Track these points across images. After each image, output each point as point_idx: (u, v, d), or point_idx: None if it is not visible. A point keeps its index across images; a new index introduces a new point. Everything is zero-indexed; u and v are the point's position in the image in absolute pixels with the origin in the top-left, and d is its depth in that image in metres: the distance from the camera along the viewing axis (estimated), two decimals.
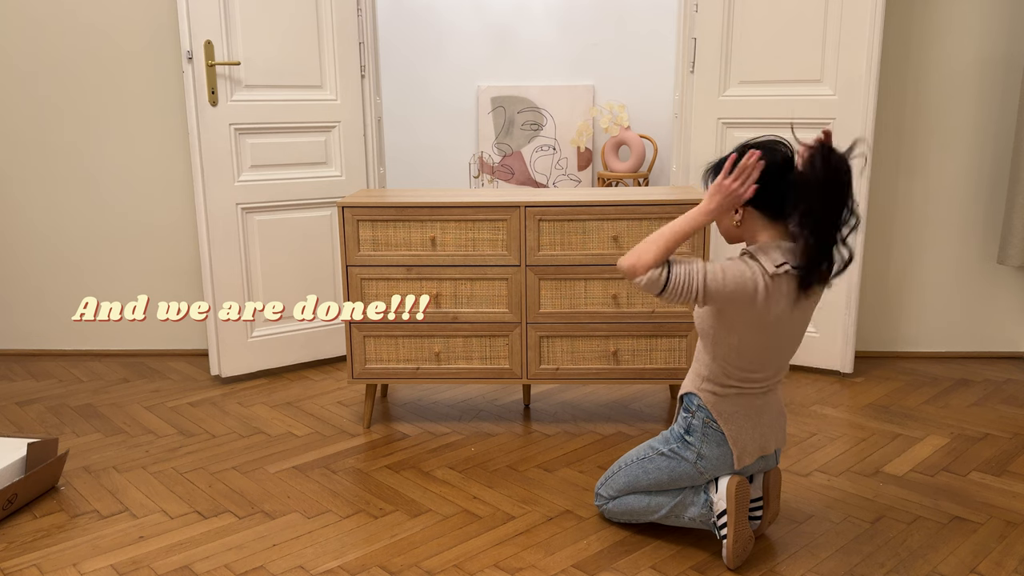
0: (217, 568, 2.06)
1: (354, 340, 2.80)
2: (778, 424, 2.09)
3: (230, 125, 3.18)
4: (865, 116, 3.06)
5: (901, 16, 3.28)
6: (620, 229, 2.68)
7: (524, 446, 2.75)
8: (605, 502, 2.23)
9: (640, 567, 2.04)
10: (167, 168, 3.55)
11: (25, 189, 3.60)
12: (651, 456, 2.12)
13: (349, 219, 2.71)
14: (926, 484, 2.45)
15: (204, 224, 3.21)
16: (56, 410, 3.11)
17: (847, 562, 2.05)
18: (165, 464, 2.65)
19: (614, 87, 4.44)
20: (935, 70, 3.34)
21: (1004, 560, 2.06)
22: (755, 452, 2.04)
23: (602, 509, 2.25)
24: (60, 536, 2.23)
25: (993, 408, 3.02)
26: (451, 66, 4.49)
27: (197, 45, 3.07)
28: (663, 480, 2.10)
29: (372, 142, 3.48)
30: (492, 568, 2.05)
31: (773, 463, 2.12)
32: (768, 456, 2.09)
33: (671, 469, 2.08)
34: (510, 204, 2.68)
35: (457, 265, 2.73)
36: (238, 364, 3.37)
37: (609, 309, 2.74)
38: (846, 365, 3.32)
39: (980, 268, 3.48)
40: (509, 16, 4.44)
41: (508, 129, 4.50)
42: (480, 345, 2.79)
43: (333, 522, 2.28)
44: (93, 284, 3.67)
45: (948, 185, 3.43)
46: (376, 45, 3.49)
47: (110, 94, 3.49)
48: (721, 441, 2.02)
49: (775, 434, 2.08)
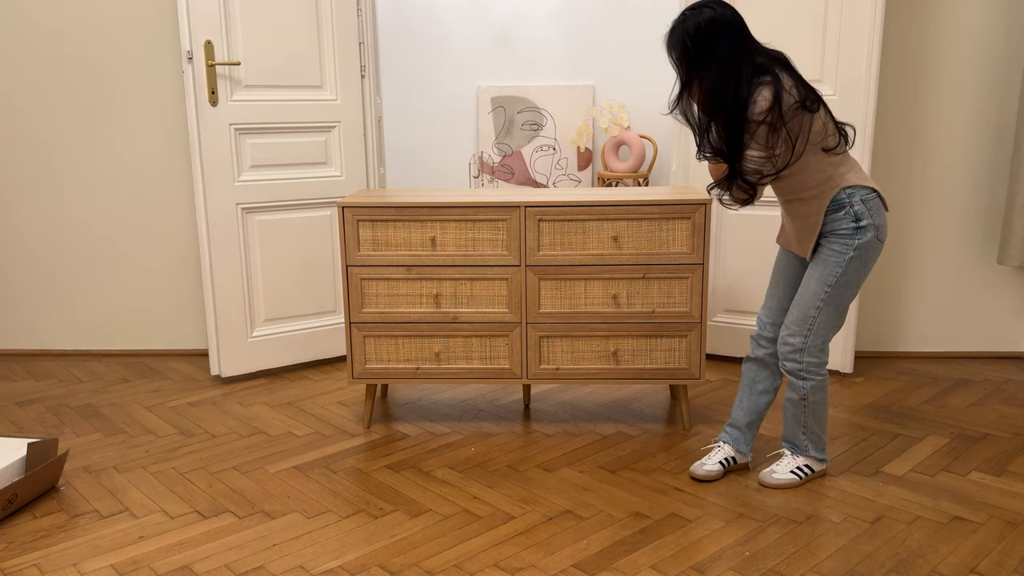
0: (217, 568, 2.06)
1: (354, 340, 2.80)
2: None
3: (230, 125, 3.18)
4: (865, 116, 3.06)
5: (901, 16, 3.28)
6: (620, 229, 2.68)
7: (524, 446, 2.75)
8: (809, 362, 2.31)
9: (640, 567, 2.04)
10: (167, 168, 3.55)
11: (25, 189, 3.60)
12: (836, 277, 2.23)
13: (349, 219, 2.71)
14: (926, 484, 2.45)
15: (204, 224, 3.21)
16: (56, 410, 3.11)
17: (847, 562, 2.05)
18: (165, 464, 2.65)
19: (614, 87, 4.44)
20: (935, 70, 3.34)
21: (1004, 560, 2.06)
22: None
23: (803, 370, 2.32)
24: (60, 536, 2.23)
25: (993, 408, 3.02)
26: (451, 66, 4.49)
27: (197, 45, 3.07)
28: (861, 281, 2.27)
29: (372, 142, 3.48)
30: (492, 568, 2.05)
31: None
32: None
33: (863, 263, 2.24)
34: (510, 204, 2.68)
35: (457, 265, 2.73)
36: (238, 364, 3.37)
37: (609, 309, 2.74)
38: (846, 365, 3.32)
39: (980, 268, 3.48)
40: (509, 16, 4.44)
41: (508, 129, 4.50)
42: (480, 345, 2.79)
43: (333, 522, 2.28)
44: (93, 284, 3.67)
45: (948, 185, 3.43)
46: (376, 45, 3.49)
47: (110, 94, 3.50)
48: (880, 205, 2.23)
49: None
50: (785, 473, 2.43)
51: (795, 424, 2.41)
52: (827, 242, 2.24)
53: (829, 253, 2.24)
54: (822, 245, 2.26)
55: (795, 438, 2.44)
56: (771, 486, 2.42)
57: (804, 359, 2.30)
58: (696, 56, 2.12)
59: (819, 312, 2.26)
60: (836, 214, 2.21)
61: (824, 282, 2.24)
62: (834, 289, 2.24)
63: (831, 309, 2.26)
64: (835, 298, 2.25)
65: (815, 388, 2.33)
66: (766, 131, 2.12)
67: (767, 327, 2.45)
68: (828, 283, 2.24)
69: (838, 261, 2.22)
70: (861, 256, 2.22)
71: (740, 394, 2.53)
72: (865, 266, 2.24)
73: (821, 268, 2.25)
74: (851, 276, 2.23)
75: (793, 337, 2.31)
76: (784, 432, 2.47)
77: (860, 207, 2.19)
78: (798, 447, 2.45)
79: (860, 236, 2.20)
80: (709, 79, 2.12)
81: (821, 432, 2.42)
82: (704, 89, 2.14)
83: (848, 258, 2.21)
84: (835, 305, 2.26)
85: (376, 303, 2.77)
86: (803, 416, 2.38)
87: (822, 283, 2.24)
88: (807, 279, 2.29)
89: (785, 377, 2.37)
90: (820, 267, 2.25)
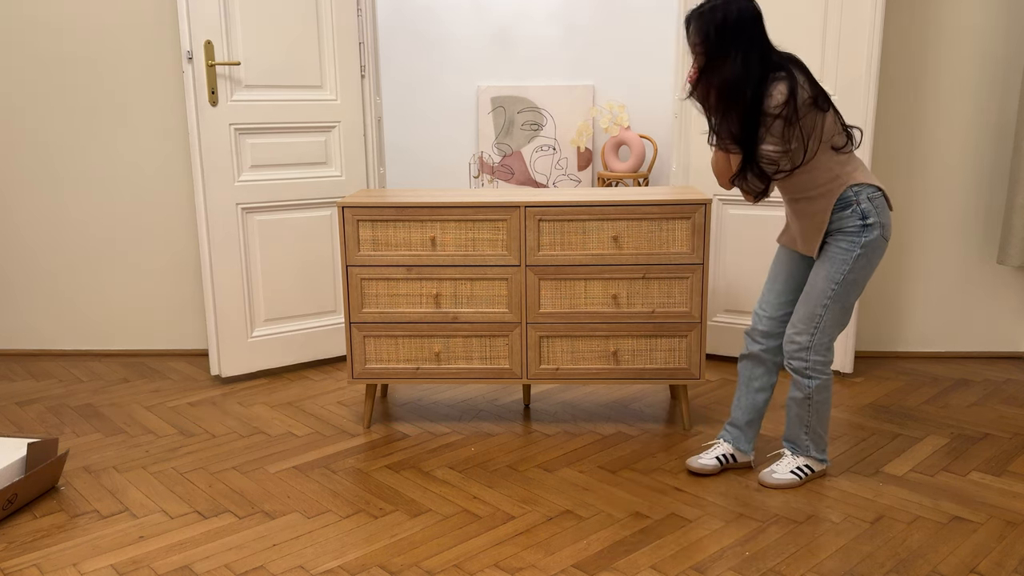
0: (217, 568, 2.06)
1: (354, 340, 2.80)
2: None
3: (230, 125, 3.18)
4: (865, 116, 3.06)
5: (901, 16, 3.28)
6: (620, 229, 2.68)
7: (524, 446, 2.75)
8: (815, 361, 2.32)
9: (640, 567, 2.04)
10: (167, 168, 3.55)
11: (25, 189, 3.60)
12: (843, 275, 2.24)
13: (349, 219, 2.71)
14: (926, 484, 2.45)
15: (204, 224, 3.21)
16: (56, 410, 3.11)
17: (847, 562, 2.05)
18: (165, 464, 2.65)
19: (614, 87, 4.44)
20: (935, 70, 3.34)
21: (1004, 560, 2.05)
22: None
23: (809, 368, 2.33)
24: (60, 536, 2.23)
25: (993, 408, 3.02)
26: (451, 66, 4.49)
27: (197, 45, 3.07)
28: (867, 279, 2.29)
29: (372, 142, 3.48)
30: (492, 568, 2.05)
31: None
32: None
33: (869, 261, 2.25)
34: (510, 204, 2.68)
35: (457, 265, 2.73)
36: (238, 364, 3.37)
37: (609, 309, 2.74)
38: (846, 365, 3.32)
39: (980, 268, 3.48)
40: (509, 16, 4.44)
41: (508, 129, 4.50)
42: (480, 345, 2.79)
43: (333, 522, 2.28)
44: (93, 284, 3.67)
45: (948, 185, 3.43)
46: (376, 45, 3.49)
47: (110, 94, 3.50)
48: (884, 204, 2.25)
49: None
50: (785, 473, 2.43)
51: (798, 424, 2.41)
52: (833, 240, 2.26)
53: (836, 251, 2.25)
54: (828, 244, 2.27)
55: (797, 438, 2.44)
56: (771, 486, 2.42)
57: (811, 357, 2.31)
58: (719, 46, 2.15)
59: (826, 310, 2.27)
60: (843, 212, 2.23)
61: (831, 280, 2.25)
62: (841, 287, 2.25)
63: (838, 307, 2.27)
64: (842, 296, 2.26)
65: (820, 387, 2.34)
66: (782, 125, 2.14)
67: (762, 320, 2.46)
68: (835, 281, 2.25)
69: (845, 259, 2.24)
70: (867, 254, 2.23)
71: (738, 393, 2.54)
72: (871, 264, 2.26)
73: (828, 266, 2.26)
74: (858, 274, 2.25)
75: (800, 335, 2.32)
76: (786, 432, 2.47)
77: (867, 205, 2.21)
78: (799, 447, 2.45)
79: (867, 234, 2.22)
80: (729, 70, 2.14)
81: (823, 432, 2.42)
82: (723, 79, 2.16)
83: (855, 256, 2.23)
84: (842, 303, 2.27)
85: (376, 303, 2.77)
86: (807, 415, 2.38)
87: (829, 281, 2.26)
88: (813, 278, 2.30)
89: (786, 375, 2.38)
90: (827, 265, 2.26)
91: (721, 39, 2.14)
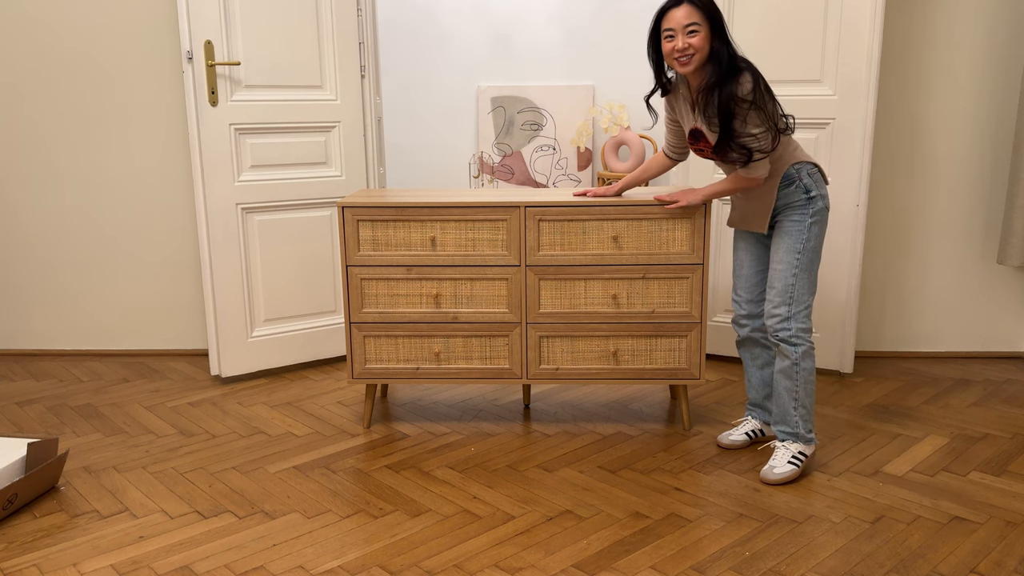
0: (217, 568, 2.06)
1: (354, 340, 2.80)
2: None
3: (230, 125, 3.18)
4: (865, 116, 3.06)
5: (901, 16, 3.28)
6: (620, 229, 2.68)
7: (524, 446, 2.75)
8: (798, 328, 2.42)
9: (640, 567, 2.04)
10: (167, 168, 3.55)
11: (25, 189, 3.60)
12: (803, 244, 2.39)
13: (349, 219, 2.71)
14: (926, 484, 2.45)
15: (204, 224, 3.21)
16: (56, 410, 3.11)
17: (847, 562, 2.05)
18: (165, 464, 2.65)
19: (614, 87, 4.43)
20: (935, 70, 3.34)
21: (1004, 560, 2.05)
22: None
23: (793, 336, 2.42)
24: (60, 536, 2.23)
25: (993, 408, 3.02)
26: (451, 66, 4.48)
27: (197, 45, 3.07)
28: (822, 245, 2.44)
29: (372, 142, 3.48)
30: (492, 568, 2.05)
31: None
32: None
33: (820, 228, 2.41)
34: (510, 204, 2.68)
35: (457, 265, 2.73)
36: (238, 364, 3.37)
37: (609, 309, 2.74)
38: (846, 365, 3.32)
39: (980, 268, 3.48)
40: (509, 16, 4.44)
41: (508, 129, 4.50)
42: (480, 345, 2.79)
43: (333, 522, 2.28)
44: (93, 284, 3.67)
45: (948, 185, 3.43)
46: (376, 45, 3.49)
47: (110, 94, 3.50)
48: (821, 178, 2.42)
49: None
50: (784, 465, 2.46)
51: (787, 397, 2.47)
52: (784, 216, 2.43)
53: (790, 225, 2.41)
54: (780, 221, 2.44)
55: (786, 416, 2.48)
56: (775, 482, 2.43)
57: (793, 326, 2.43)
58: (718, 16, 2.35)
59: (796, 279, 2.41)
60: (788, 188, 2.40)
61: (794, 251, 2.40)
62: (804, 255, 2.40)
63: (805, 275, 2.42)
64: (806, 264, 2.41)
65: (805, 353, 2.43)
66: (756, 111, 2.27)
67: (741, 305, 2.61)
68: (797, 251, 2.40)
69: (800, 230, 2.40)
70: (819, 222, 2.41)
71: (747, 375, 2.70)
72: (822, 231, 2.43)
73: (787, 240, 2.41)
74: (815, 242, 2.42)
75: (778, 308, 2.43)
76: (774, 414, 2.53)
77: (808, 180, 2.39)
78: (788, 425, 2.48)
79: (813, 205, 2.39)
80: (726, 50, 2.34)
81: (810, 406, 2.48)
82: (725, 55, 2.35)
83: (808, 224, 2.40)
84: (808, 271, 2.42)
85: (376, 303, 2.77)
86: (794, 386, 2.45)
87: (791, 252, 2.40)
88: (775, 255, 2.44)
89: (776, 349, 2.44)
90: (785, 239, 2.41)
91: (716, 10, 2.34)
